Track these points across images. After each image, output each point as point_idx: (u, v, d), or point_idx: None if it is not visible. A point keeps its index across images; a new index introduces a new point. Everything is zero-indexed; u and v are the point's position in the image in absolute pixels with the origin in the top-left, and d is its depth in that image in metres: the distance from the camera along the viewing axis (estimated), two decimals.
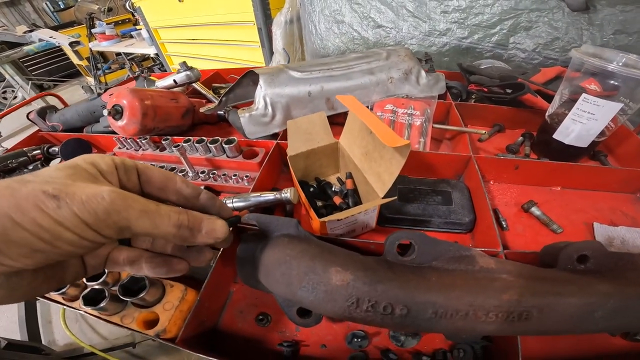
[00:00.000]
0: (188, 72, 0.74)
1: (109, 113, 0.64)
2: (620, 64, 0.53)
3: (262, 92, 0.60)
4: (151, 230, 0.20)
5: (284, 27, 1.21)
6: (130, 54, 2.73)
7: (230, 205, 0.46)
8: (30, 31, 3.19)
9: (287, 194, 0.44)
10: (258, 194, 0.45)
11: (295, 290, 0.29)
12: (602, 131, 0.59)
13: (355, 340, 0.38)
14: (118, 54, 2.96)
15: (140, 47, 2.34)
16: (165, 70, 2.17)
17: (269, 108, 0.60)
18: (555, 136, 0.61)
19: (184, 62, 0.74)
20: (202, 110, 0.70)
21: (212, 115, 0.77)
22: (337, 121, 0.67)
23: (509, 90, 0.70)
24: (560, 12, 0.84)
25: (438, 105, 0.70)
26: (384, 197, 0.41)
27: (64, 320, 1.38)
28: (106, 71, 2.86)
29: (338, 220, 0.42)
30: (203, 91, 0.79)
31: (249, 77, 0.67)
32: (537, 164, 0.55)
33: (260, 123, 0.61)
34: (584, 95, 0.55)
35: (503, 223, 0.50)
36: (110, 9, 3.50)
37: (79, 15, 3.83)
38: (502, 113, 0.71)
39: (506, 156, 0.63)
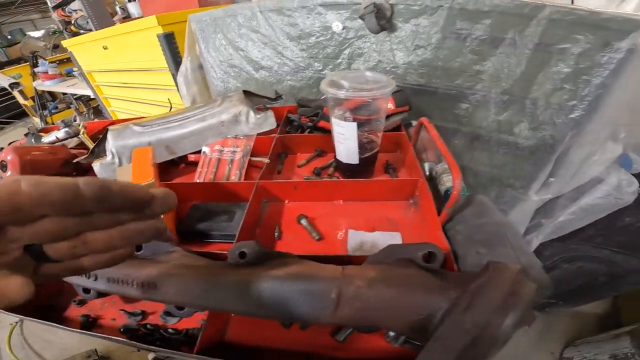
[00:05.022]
0: (67, 129, 0.95)
1: None
2: (346, 90, 0.65)
3: (110, 145, 0.81)
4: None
5: (185, 75, 1.43)
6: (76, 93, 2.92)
7: None
8: None
9: None
10: None
11: None
12: (372, 145, 0.76)
13: (132, 316, 0.57)
14: (65, 93, 3.14)
15: (81, 88, 2.54)
16: (104, 115, 2.37)
17: (116, 157, 0.81)
18: (337, 157, 0.81)
19: (62, 120, 0.95)
20: (76, 160, 0.90)
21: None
22: (183, 161, 0.90)
23: None
24: (376, 36, 1.02)
25: (268, 139, 0.92)
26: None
27: (10, 347, 1.53)
28: (53, 111, 3.03)
29: None
30: (87, 143, 0.99)
31: None
32: (309, 183, 0.75)
33: (111, 170, 0.81)
34: (333, 119, 0.71)
35: (276, 234, 0.70)
36: (56, 46, 3.67)
37: (25, 52, 3.99)
38: (319, 139, 0.92)
39: (309, 178, 0.84)
